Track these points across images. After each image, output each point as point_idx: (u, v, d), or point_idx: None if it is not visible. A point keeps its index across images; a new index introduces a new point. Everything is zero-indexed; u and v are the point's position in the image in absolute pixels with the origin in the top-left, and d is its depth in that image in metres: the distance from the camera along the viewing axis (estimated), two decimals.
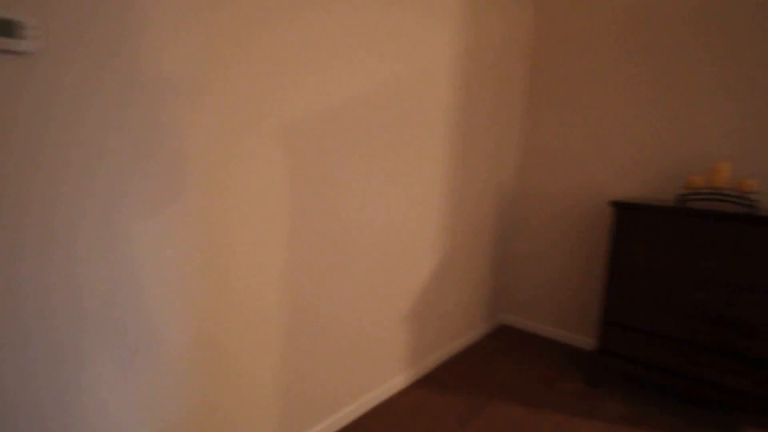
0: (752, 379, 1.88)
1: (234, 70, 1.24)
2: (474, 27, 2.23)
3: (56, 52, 0.93)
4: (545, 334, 2.95)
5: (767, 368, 1.84)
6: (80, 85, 0.97)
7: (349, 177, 1.68)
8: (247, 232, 1.36)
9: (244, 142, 1.30)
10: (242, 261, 1.36)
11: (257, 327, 1.44)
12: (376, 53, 1.68)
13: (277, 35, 1.33)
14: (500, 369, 2.44)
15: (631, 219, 2.15)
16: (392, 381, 2.11)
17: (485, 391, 2.19)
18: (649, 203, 2.10)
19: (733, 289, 1.91)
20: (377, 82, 1.72)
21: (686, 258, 2.01)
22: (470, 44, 2.23)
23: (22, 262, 0.94)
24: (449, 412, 1.99)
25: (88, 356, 1.06)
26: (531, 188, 2.96)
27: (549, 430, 1.90)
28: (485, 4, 2.29)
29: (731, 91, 2.21)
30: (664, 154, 2.43)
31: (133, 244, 1.10)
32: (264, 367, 1.49)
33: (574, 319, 2.83)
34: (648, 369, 2.13)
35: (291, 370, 1.59)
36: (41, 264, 0.97)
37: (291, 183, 1.46)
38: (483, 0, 2.26)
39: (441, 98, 2.09)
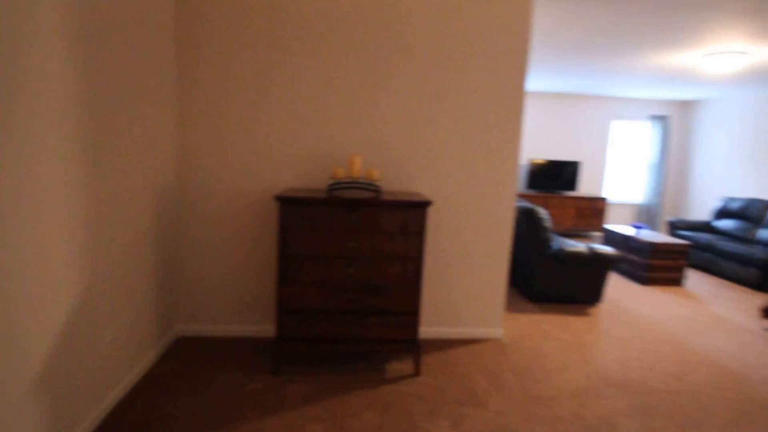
0: (389, 327, 2.40)
1: None
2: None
3: None
4: (229, 334, 2.81)
5: (398, 317, 2.39)
6: None
7: None
8: None
9: None
10: None
11: None
12: None
13: None
14: (182, 396, 2.11)
15: (292, 211, 2.25)
16: None
17: None
18: (304, 196, 2.24)
19: (371, 260, 2.33)
20: None
21: (338, 240, 2.29)
22: (95, 21, 1.62)
23: None
24: None
25: None
26: (195, 189, 2.65)
27: None
28: None
29: (358, 95, 2.63)
30: (317, 148, 2.67)
31: None
32: None
33: (256, 311, 2.81)
34: (320, 343, 2.36)
35: None
36: None
37: None
38: None
39: (56, 85, 1.43)
